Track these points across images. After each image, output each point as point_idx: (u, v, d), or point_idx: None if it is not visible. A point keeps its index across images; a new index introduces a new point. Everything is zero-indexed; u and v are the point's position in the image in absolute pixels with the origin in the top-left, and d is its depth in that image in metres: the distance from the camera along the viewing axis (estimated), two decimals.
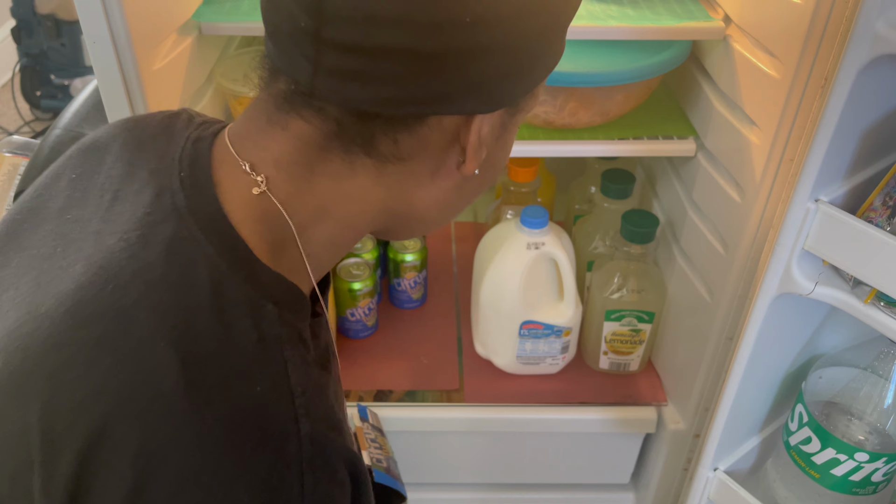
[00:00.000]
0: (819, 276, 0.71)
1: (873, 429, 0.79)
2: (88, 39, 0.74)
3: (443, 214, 0.55)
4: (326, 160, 0.47)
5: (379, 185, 0.49)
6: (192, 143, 0.50)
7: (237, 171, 0.47)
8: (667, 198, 1.14)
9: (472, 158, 0.49)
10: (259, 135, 0.48)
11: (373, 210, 0.50)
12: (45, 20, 2.33)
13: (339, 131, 0.46)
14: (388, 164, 0.48)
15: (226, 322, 0.43)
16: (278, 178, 0.47)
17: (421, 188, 0.50)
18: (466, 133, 0.48)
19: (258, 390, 0.43)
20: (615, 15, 0.90)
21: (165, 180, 0.47)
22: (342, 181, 0.48)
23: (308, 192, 0.48)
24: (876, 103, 0.67)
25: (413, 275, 1.19)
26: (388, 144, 0.46)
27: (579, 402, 1.11)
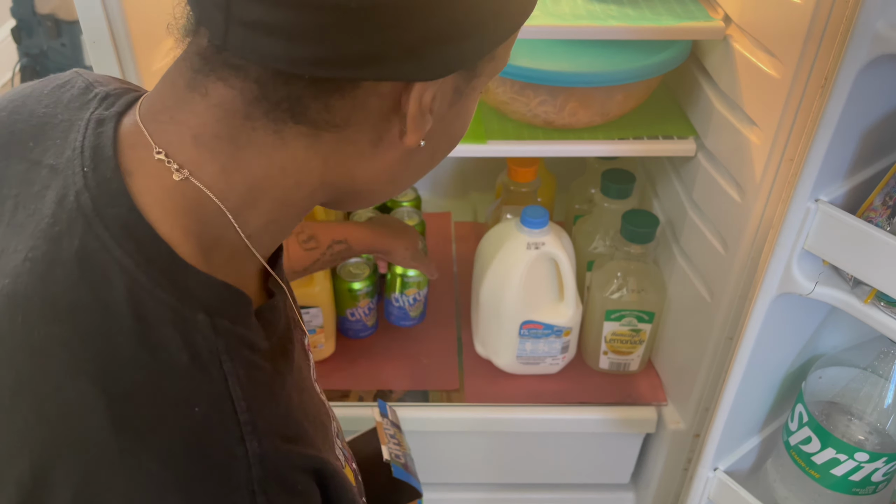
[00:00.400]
0: (819, 276, 0.71)
1: (873, 429, 0.79)
2: (88, 39, 0.74)
3: (388, 188, 0.49)
4: (251, 129, 0.41)
5: (314, 156, 0.43)
6: (94, 127, 0.43)
7: (151, 157, 0.41)
8: (667, 198, 1.14)
9: (413, 129, 0.43)
10: (176, 106, 0.42)
11: (311, 184, 0.44)
12: (45, 20, 2.33)
13: (261, 95, 0.40)
14: (322, 132, 0.42)
15: (151, 345, 0.38)
16: (200, 159, 0.41)
17: (362, 159, 0.45)
18: (407, 100, 0.42)
19: (196, 413, 0.38)
20: (615, 15, 0.90)
21: (68, 178, 0.41)
22: (272, 154, 0.42)
23: (236, 170, 0.42)
24: (876, 103, 0.67)
25: (414, 291, 1.16)
26: (318, 110, 0.41)
27: (579, 402, 1.11)
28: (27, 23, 2.32)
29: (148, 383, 0.38)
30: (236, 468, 0.39)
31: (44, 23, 2.32)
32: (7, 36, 2.46)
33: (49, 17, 2.30)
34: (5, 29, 2.54)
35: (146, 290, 0.39)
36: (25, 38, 2.35)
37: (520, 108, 0.94)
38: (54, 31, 2.33)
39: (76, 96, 0.46)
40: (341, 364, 1.15)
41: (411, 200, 1.24)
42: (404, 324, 1.19)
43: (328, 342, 1.14)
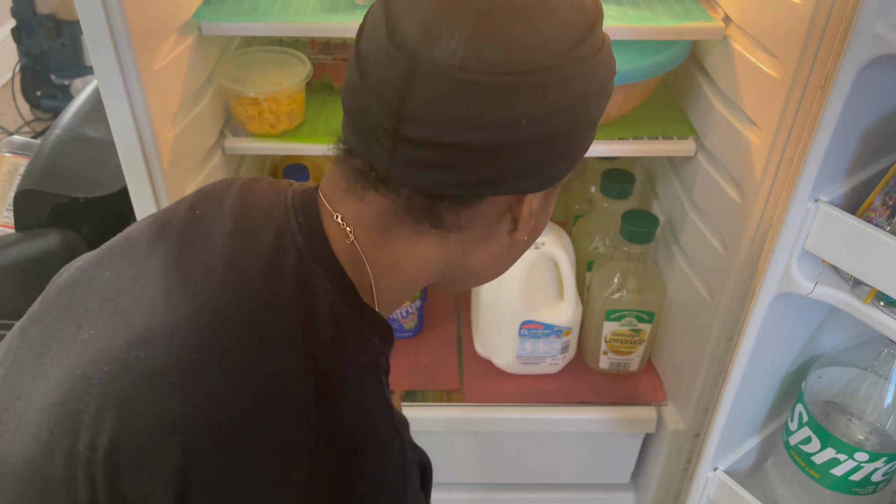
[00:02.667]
0: (819, 276, 0.71)
1: (873, 428, 0.79)
2: (89, 39, 0.74)
3: (493, 271, 0.62)
4: (398, 227, 0.54)
5: (441, 250, 0.55)
6: (301, 194, 0.57)
7: (333, 221, 0.55)
8: (667, 198, 1.14)
9: (522, 228, 0.56)
10: (342, 195, 0.55)
11: (433, 269, 0.57)
12: (45, 20, 2.33)
13: (409, 207, 0.52)
14: (450, 233, 0.54)
15: (344, 345, 0.51)
16: (360, 233, 0.54)
17: (475, 250, 0.57)
18: (518, 207, 0.54)
19: (371, 404, 0.51)
20: (615, 15, 0.90)
21: (283, 223, 0.55)
22: (410, 245, 0.55)
23: (382, 250, 0.55)
24: (876, 103, 0.67)
25: (406, 304, 1.16)
26: (451, 218, 0.53)
27: (579, 401, 1.11)
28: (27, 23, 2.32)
29: (340, 371, 0.50)
30: (396, 451, 0.51)
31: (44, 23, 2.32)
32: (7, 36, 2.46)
33: (49, 18, 2.30)
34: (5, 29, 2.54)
35: (341, 307, 0.52)
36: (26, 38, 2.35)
37: None
38: (54, 31, 2.33)
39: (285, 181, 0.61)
40: None
41: None
42: (400, 336, 1.19)
43: None
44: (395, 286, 0.57)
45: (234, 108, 0.95)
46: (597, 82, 0.52)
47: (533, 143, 0.49)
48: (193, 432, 0.46)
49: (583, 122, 0.52)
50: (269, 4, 0.92)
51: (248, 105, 0.93)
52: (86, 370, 0.49)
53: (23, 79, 2.43)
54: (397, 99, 0.48)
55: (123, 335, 0.50)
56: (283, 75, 0.95)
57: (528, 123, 0.48)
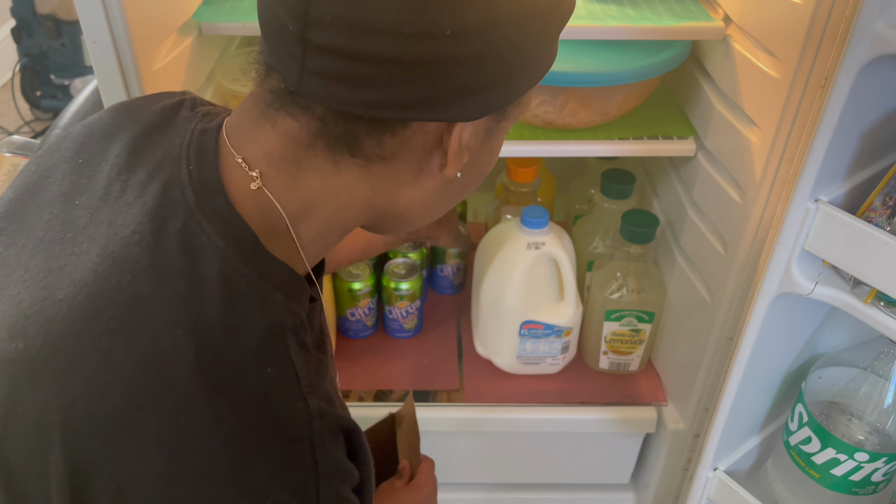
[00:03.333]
0: (819, 276, 0.71)
1: (873, 429, 0.79)
2: (88, 39, 0.74)
3: (427, 212, 0.56)
4: (313, 157, 0.49)
5: (364, 183, 0.50)
6: (198, 136, 0.51)
7: (235, 165, 0.49)
8: (667, 198, 1.14)
9: (453, 162, 0.50)
10: (251, 129, 0.50)
11: (358, 206, 0.52)
12: (45, 20, 2.33)
13: (324, 130, 0.47)
14: (372, 163, 0.49)
15: (237, 312, 0.46)
16: (269, 173, 0.49)
17: (404, 187, 0.52)
18: (448, 138, 0.49)
19: (269, 373, 0.46)
20: (615, 15, 0.90)
21: (174, 173, 0.49)
22: (328, 178, 0.49)
23: (296, 188, 0.49)
24: (876, 103, 0.67)
25: (405, 304, 1.16)
26: (371, 145, 0.48)
27: (579, 402, 1.11)
28: (27, 23, 2.33)
29: (231, 342, 0.45)
30: (300, 422, 0.46)
31: (44, 23, 2.32)
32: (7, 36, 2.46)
33: (49, 17, 2.30)
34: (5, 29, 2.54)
35: (235, 268, 0.47)
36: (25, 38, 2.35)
37: None
38: (54, 31, 2.33)
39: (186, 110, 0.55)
40: (341, 364, 1.15)
41: None
42: (400, 336, 1.20)
43: None
44: (317, 227, 0.52)
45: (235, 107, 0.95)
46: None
47: (460, 60, 0.44)
48: (76, 427, 0.43)
49: (527, 42, 0.46)
50: None
51: None
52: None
53: (23, 79, 2.43)
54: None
55: (7, 323, 0.47)
56: None
57: (454, 35, 0.42)
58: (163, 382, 0.44)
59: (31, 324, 0.46)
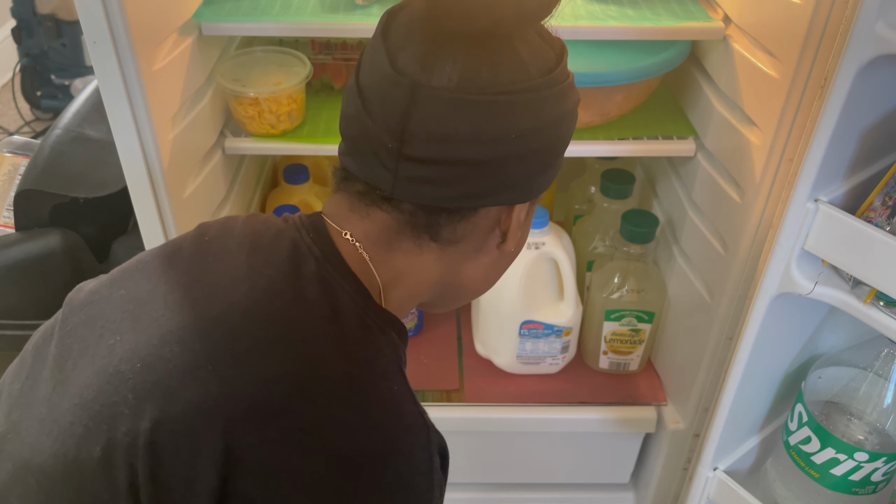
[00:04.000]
0: (819, 276, 0.71)
1: (873, 428, 0.79)
2: (89, 39, 0.74)
3: (483, 285, 0.67)
4: (401, 241, 0.59)
5: (439, 263, 0.60)
6: (305, 217, 0.61)
7: (341, 238, 0.59)
8: (667, 198, 1.14)
9: (511, 238, 0.61)
10: (346, 216, 0.59)
11: (432, 280, 0.62)
12: (45, 20, 2.33)
13: (411, 221, 0.57)
14: (447, 246, 0.59)
15: (369, 339, 0.56)
16: (367, 247, 0.59)
17: (468, 264, 0.62)
18: (507, 219, 0.60)
19: (395, 389, 0.55)
20: (615, 15, 0.90)
21: (296, 237, 0.59)
22: (412, 257, 0.59)
23: (388, 262, 0.59)
24: (876, 103, 0.67)
25: None
26: (448, 231, 0.58)
27: (579, 401, 1.11)
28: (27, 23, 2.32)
29: (368, 358, 0.55)
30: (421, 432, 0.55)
31: (44, 23, 2.32)
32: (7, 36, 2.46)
33: (49, 18, 2.30)
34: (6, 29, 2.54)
35: (362, 307, 0.56)
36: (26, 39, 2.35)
37: None
38: (54, 32, 2.33)
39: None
40: None
41: None
42: None
43: None
44: (401, 296, 0.61)
45: (235, 108, 0.95)
46: (570, 103, 0.58)
47: (521, 156, 0.55)
48: (234, 414, 0.49)
49: (560, 139, 0.59)
50: (269, 4, 0.93)
51: (248, 105, 0.93)
52: (118, 368, 0.52)
53: (23, 79, 2.43)
54: (400, 121, 0.53)
55: (154, 335, 0.53)
56: (284, 75, 0.95)
57: (517, 138, 0.54)
58: (313, 380, 0.51)
59: (185, 332, 0.53)
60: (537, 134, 0.55)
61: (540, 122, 0.55)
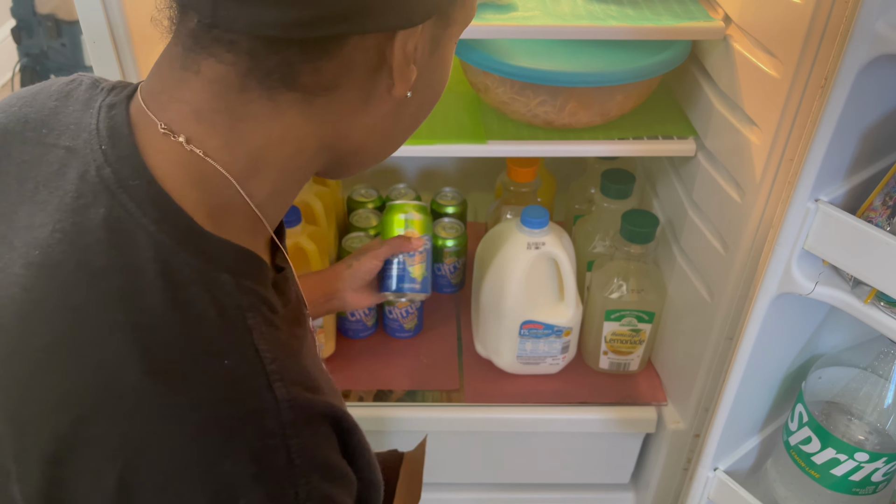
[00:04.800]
0: (819, 276, 0.71)
1: (873, 429, 0.79)
2: (88, 39, 0.74)
3: (384, 144, 0.52)
4: (248, 101, 0.43)
5: (310, 121, 0.45)
6: (106, 111, 0.46)
7: (157, 135, 0.44)
8: (667, 198, 1.14)
9: (400, 79, 0.46)
10: (174, 86, 0.44)
11: (310, 149, 0.47)
12: (45, 20, 2.33)
13: (253, 66, 0.42)
14: (314, 96, 0.44)
15: (181, 301, 0.41)
16: (203, 133, 0.44)
17: (355, 118, 0.47)
18: (391, 52, 0.44)
19: (227, 365, 0.41)
20: (615, 15, 0.90)
21: (87, 156, 0.44)
22: (270, 122, 0.44)
23: (237, 142, 0.44)
24: (876, 103, 0.67)
25: (405, 304, 1.15)
26: (309, 74, 0.43)
27: (579, 402, 1.11)
28: (27, 23, 2.32)
29: (180, 337, 0.41)
30: (268, 414, 0.41)
31: (44, 23, 2.32)
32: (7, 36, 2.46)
33: (49, 17, 2.30)
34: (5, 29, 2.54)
35: (172, 253, 0.42)
36: (26, 38, 2.35)
37: (520, 108, 0.94)
38: (54, 31, 2.33)
39: (85, 90, 0.49)
40: (341, 364, 1.15)
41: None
42: (400, 336, 1.19)
43: (328, 342, 1.14)
44: (270, 183, 0.46)
45: None
46: None
47: None
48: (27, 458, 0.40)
49: None
50: None
51: None
52: None
53: (23, 79, 2.43)
54: None
55: None
56: None
57: None
58: (112, 394, 0.39)
59: None
60: None
61: None
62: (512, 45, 0.94)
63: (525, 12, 0.89)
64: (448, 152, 0.98)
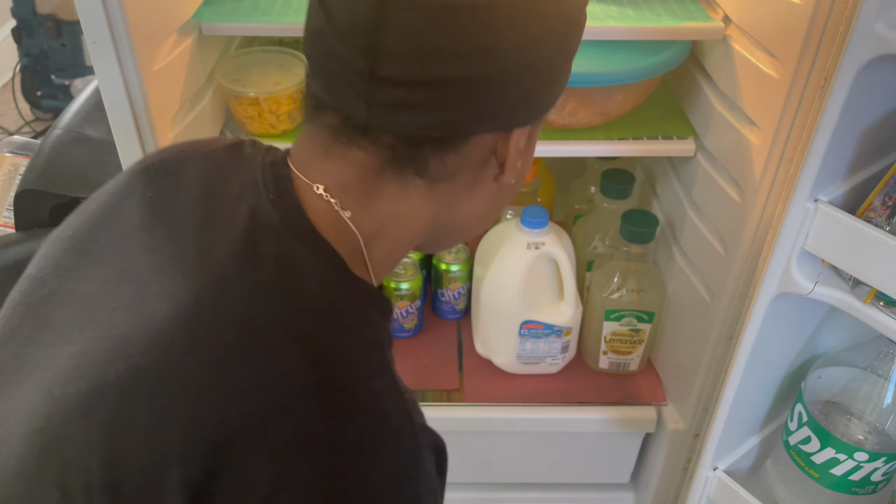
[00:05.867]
0: (818, 276, 0.71)
1: (873, 428, 0.79)
2: (89, 39, 0.74)
3: (480, 222, 0.59)
4: (383, 183, 0.51)
5: (430, 203, 0.53)
6: (270, 168, 0.53)
7: (311, 194, 0.51)
8: (666, 198, 1.14)
9: (510, 169, 0.53)
10: (320, 162, 0.51)
11: (424, 226, 0.54)
12: (45, 20, 2.33)
13: (393, 157, 0.49)
14: (436, 183, 0.51)
15: (343, 328, 0.48)
16: (343, 200, 0.51)
17: (463, 201, 0.55)
18: (504, 147, 0.51)
19: (378, 387, 0.48)
20: (615, 15, 0.90)
21: (257, 201, 0.51)
22: (398, 202, 0.52)
23: (370, 213, 0.52)
24: (875, 103, 0.67)
25: (405, 304, 1.16)
26: (437, 165, 0.50)
27: (579, 401, 1.11)
28: (28, 23, 2.32)
29: (343, 355, 0.47)
30: (407, 434, 0.48)
31: (44, 23, 2.32)
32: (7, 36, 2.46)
33: (49, 18, 2.30)
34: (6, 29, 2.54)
35: (334, 286, 0.49)
36: (26, 39, 2.35)
37: None
38: (55, 32, 2.33)
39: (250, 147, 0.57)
40: None
41: None
42: (400, 336, 1.19)
43: None
44: (386, 250, 0.54)
45: (235, 108, 0.95)
46: (574, 7, 0.51)
47: (515, 72, 0.48)
48: (194, 442, 0.43)
49: (563, 50, 0.51)
50: (269, 4, 0.93)
51: (248, 105, 0.93)
52: (65, 391, 0.46)
53: (23, 79, 2.43)
54: (370, 35, 0.45)
55: (99, 348, 0.47)
56: (284, 75, 0.95)
57: (511, 50, 0.46)
58: (281, 395, 0.44)
59: (130, 345, 0.46)
60: (536, 44, 0.47)
61: (538, 29, 0.47)
62: None
63: None
64: None
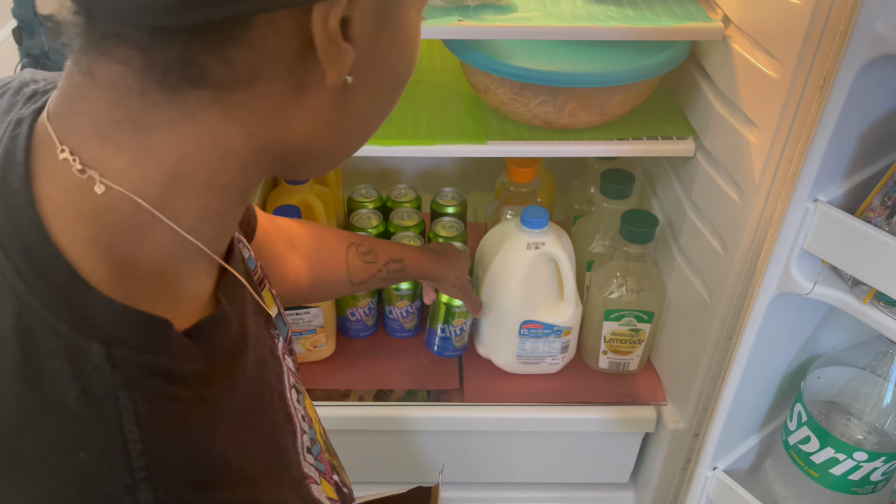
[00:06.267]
0: (818, 276, 0.71)
1: (872, 428, 0.79)
2: None
3: (335, 140, 0.42)
4: (151, 105, 0.35)
5: (231, 123, 0.37)
6: (12, 129, 0.38)
7: (57, 155, 0.36)
8: (666, 198, 1.14)
9: (329, 63, 0.36)
10: (74, 95, 0.37)
11: (239, 156, 0.38)
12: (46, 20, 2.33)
13: (147, 62, 0.34)
14: (229, 92, 0.36)
15: (37, 379, 0.33)
16: (106, 153, 0.36)
17: (287, 113, 0.38)
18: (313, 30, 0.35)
19: (82, 458, 0.33)
20: (615, 15, 0.90)
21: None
22: (182, 129, 0.36)
23: (148, 158, 0.36)
24: (875, 103, 0.67)
25: (405, 304, 1.16)
26: (217, 67, 0.34)
27: (579, 401, 1.12)
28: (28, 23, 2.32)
29: (30, 423, 0.33)
30: None
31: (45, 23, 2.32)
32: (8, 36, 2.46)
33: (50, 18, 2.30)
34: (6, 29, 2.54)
35: (38, 318, 0.34)
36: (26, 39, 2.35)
37: (519, 108, 0.95)
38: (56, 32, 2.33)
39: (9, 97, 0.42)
40: (341, 364, 1.15)
41: (411, 201, 1.24)
42: (400, 336, 1.19)
43: (328, 342, 1.14)
44: (198, 201, 0.38)
45: None
46: None
47: None
48: None
49: None
50: None
51: None
52: None
53: None
54: None
55: None
56: None
57: None
58: None
59: None
60: None
61: None
62: (512, 45, 0.95)
63: (525, 13, 0.89)
64: (448, 152, 0.98)
